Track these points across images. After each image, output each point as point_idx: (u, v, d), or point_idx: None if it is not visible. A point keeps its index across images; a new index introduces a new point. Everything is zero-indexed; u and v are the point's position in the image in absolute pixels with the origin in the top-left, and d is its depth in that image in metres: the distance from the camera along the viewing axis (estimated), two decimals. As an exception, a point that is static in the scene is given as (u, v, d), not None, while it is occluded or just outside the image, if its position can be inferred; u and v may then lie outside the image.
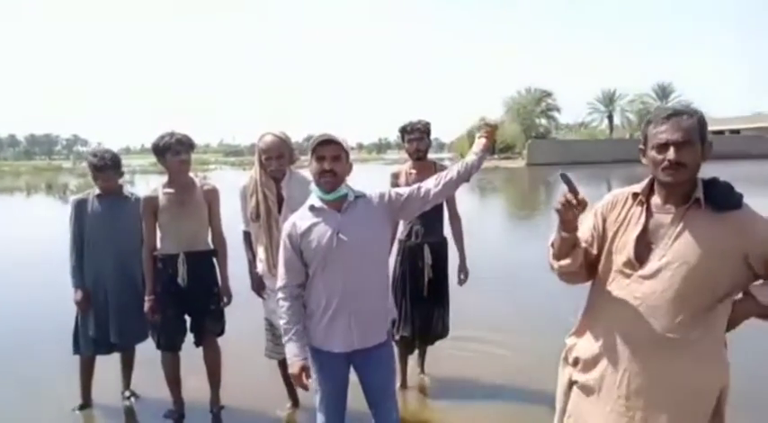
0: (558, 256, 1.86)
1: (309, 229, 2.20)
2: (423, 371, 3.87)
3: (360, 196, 2.28)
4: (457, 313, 3.76)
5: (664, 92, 58.19)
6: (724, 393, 1.76)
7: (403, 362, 3.69)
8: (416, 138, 3.50)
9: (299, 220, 2.25)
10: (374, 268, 2.27)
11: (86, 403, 3.56)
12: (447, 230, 3.70)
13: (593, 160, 35.90)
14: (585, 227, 1.87)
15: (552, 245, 1.87)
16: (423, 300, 3.56)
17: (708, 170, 1.72)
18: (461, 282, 3.67)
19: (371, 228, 2.24)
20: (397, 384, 3.68)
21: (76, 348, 3.48)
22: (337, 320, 2.22)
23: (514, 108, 49.50)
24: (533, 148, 40.84)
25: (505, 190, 23.25)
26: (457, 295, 3.77)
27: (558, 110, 51.61)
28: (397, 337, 3.48)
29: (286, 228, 2.27)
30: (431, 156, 3.71)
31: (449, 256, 3.68)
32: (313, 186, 2.27)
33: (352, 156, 2.32)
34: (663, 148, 1.67)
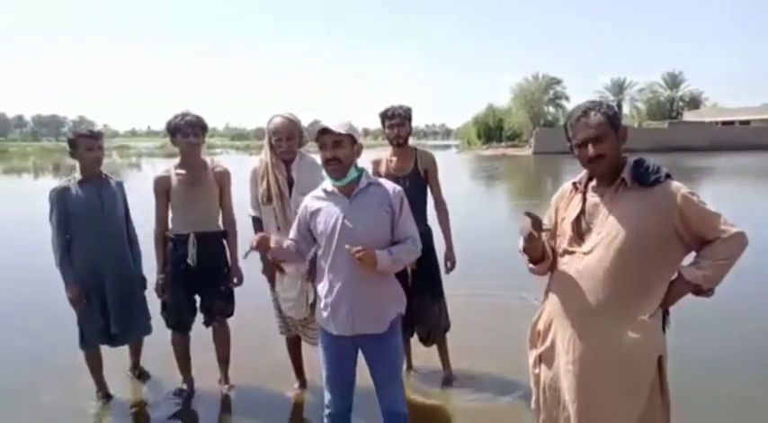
0: (533, 262, 2.09)
1: (318, 211, 2.27)
2: (445, 368, 3.65)
3: (373, 183, 2.28)
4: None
5: (674, 81, 57.71)
6: (663, 363, 1.91)
7: (405, 345, 3.71)
8: (397, 123, 3.36)
9: (311, 199, 2.33)
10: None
11: (105, 393, 3.45)
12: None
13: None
14: (546, 219, 2.07)
15: (524, 252, 2.06)
16: (408, 290, 3.36)
17: (718, 161, 1.75)
18: (448, 270, 3.52)
19: (379, 215, 2.23)
20: (403, 367, 3.75)
21: (83, 343, 3.34)
22: (339, 304, 2.26)
23: (521, 95, 49.10)
24: (540, 136, 40.58)
25: (511, 178, 23.16)
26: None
27: (566, 98, 51.27)
28: None
29: (302, 204, 2.36)
30: (437, 142, 3.63)
31: (435, 246, 3.49)
32: (324, 173, 2.30)
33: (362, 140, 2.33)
34: (582, 146, 1.89)
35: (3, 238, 9.44)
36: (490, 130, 51.30)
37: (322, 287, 2.32)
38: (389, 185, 2.32)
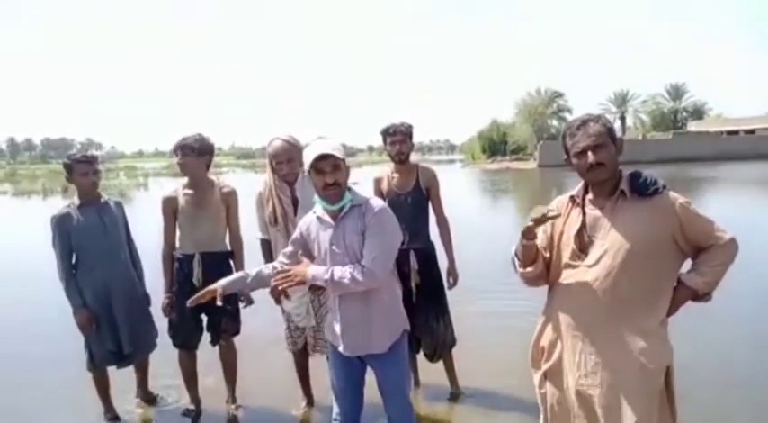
0: (523, 265, 2.08)
1: (314, 238, 2.32)
2: (453, 385, 3.64)
3: (356, 205, 2.23)
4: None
5: (677, 92, 57.70)
6: (670, 373, 1.92)
7: (411, 361, 3.71)
8: (399, 140, 3.38)
9: (307, 225, 2.37)
10: None
11: (113, 415, 3.45)
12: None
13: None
14: (540, 232, 2.07)
15: (516, 255, 2.09)
16: (412, 306, 3.29)
17: (723, 171, 1.80)
18: (451, 286, 3.53)
19: (356, 238, 2.18)
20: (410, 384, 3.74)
21: (92, 364, 3.34)
22: (339, 324, 2.30)
23: (525, 109, 49.27)
24: (545, 149, 40.55)
25: (515, 192, 23.15)
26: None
27: (569, 111, 51.27)
28: None
29: (300, 225, 2.40)
30: (442, 157, 3.67)
31: (438, 262, 3.54)
32: (316, 197, 2.28)
33: (362, 158, 2.36)
34: (582, 154, 1.91)
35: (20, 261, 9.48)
36: (494, 144, 51.44)
37: (328, 305, 2.38)
38: (368, 206, 2.21)
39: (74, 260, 3.26)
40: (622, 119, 56.77)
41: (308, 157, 2.18)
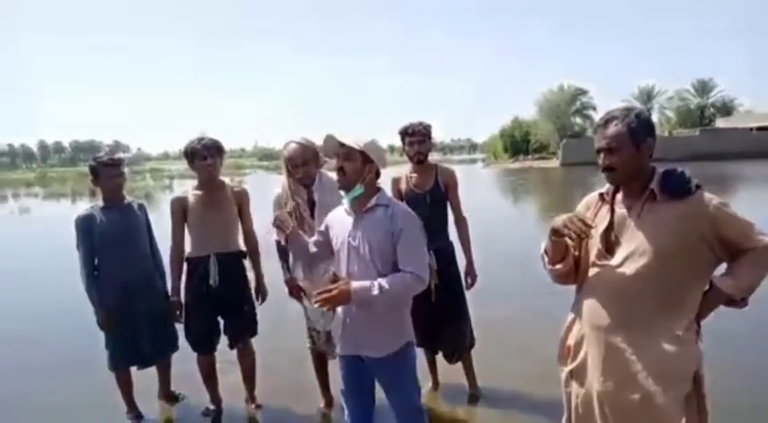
0: (552, 262, 2.05)
1: (333, 225, 2.36)
2: (471, 386, 3.64)
3: (382, 204, 2.25)
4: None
5: (704, 88, 56.43)
6: (699, 377, 1.85)
7: (429, 364, 3.71)
8: (417, 140, 3.38)
9: (334, 215, 2.42)
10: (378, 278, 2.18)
11: (136, 414, 3.52)
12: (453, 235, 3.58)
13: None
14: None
15: (546, 252, 2.05)
16: (431, 306, 3.32)
17: (750, 168, 1.72)
18: (469, 286, 3.52)
19: (379, 236, 2.19)
20: (429, 385, 3.73)
21: (113, 364, 3.39)
22: (344, 321, 2.30)
23: (547, 107, 48.70)
24: (568, 147, 40.10)
25: (540, 191, 22.88)
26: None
27: (593, 108, 50.60)
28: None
29: (331, 214, 2.46)
30: (463, 156, 3.64)
31: (457, 262, 3.52)
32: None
33: (387, 157, 2.34)
34: (598, 154, 1.90)
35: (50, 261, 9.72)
36: (516, 142, 51.00)
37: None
38: (397, 208, 2.25)
39: (96, 261, 3.31)
40: (648, 116, 55.69)
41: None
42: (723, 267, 1.89)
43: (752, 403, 3.37)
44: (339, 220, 2.34)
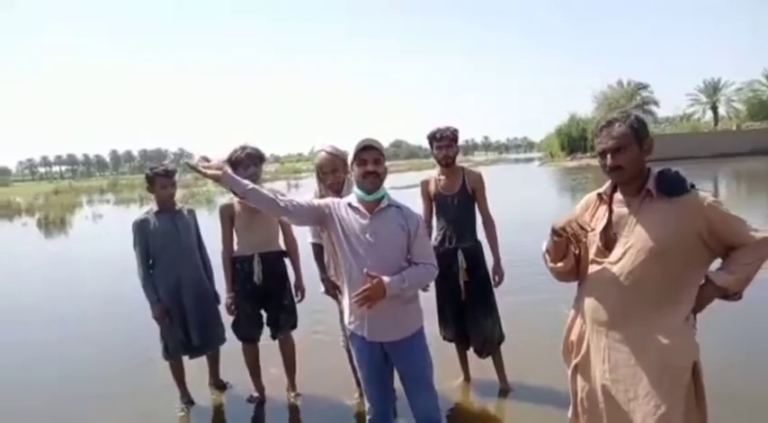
0: (554, 261, 2.14)
1: (342, 219, 2.43)
2: (501, 380, 3.76)
3: (394, 205, 2.45)
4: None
5: (779, 77, 52.77)
6: (697, 368, 1.91)
7: (461, 358, 3.85)
8: (445, 145, 3.51)
9: (337, 204, 2.47)
10: (394, 270, 2.35)
11: (189, 400, 3.86)
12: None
13: (693, 155, 32.85)
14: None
15: (548, 251, 2.14)
16: (461, 304, 3.57)
17: None
18: (497, 284, 3.64)
19: (396, 232, 2.39)
20: (461, 379, 3.87)
21: (167, 354, 3.74)
22: (359, 310, 2.39)
23: (606, 103, 47.12)
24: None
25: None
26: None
27: (655, 103, 48.65)
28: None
29: (329, 200, 2.51)
30: (520, 155, 3.68)
31: (485, 260, 3.65)
32: (355, 188, 2.47)
33: (426, 160, 2.53)
34: (602, 155, 1.97)
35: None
36: (574, 140, 49.54)
37: (344, 283, 2.50)
38: (407, 209, 2.47)
39: (151, 261, 3.67)
40: (714, 109, 52.79)
41: (354, 150, 2.41)
42: (718, 263, 1.96)
43: (746, 390, 3.42)
44: (347, 217, 2.43)
